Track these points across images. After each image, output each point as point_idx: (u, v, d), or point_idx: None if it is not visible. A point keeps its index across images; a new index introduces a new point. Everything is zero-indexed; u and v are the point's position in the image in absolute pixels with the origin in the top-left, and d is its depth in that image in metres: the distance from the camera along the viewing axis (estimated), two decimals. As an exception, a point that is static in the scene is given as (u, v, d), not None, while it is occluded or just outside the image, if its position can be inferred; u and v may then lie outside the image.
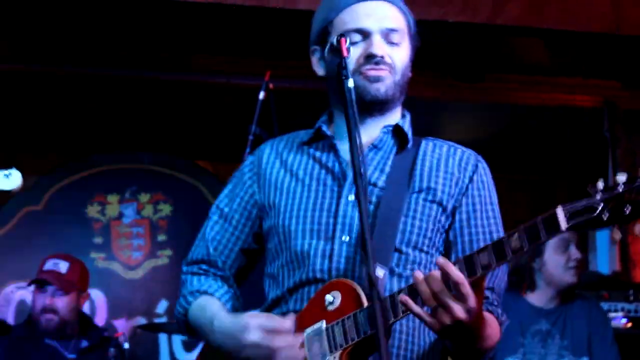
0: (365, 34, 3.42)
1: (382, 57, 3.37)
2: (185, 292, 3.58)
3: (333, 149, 3.53)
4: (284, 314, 3.37)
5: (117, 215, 9.34)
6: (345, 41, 3.29)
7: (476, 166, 3.54)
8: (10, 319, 7.96)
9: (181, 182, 9.27)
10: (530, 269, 6.44)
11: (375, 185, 3.43)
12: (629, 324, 7.42)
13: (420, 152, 3.54)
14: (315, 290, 3.34)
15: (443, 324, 2.96)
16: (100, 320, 8.74)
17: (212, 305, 3.51)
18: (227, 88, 7.93)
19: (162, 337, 8.59)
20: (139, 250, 9.32)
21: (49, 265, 7.12)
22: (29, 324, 7.18)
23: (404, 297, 2.96)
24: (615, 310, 7.46)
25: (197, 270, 3.65)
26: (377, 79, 3.37)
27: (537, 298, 6.38)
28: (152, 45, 7.82)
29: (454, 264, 2.94)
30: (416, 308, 2.97)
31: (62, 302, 6.95)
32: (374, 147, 3.51)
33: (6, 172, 3.70)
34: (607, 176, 8.32)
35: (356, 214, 3.35)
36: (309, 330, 3.26)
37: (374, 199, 3.39)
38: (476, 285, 2.95)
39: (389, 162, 3.47)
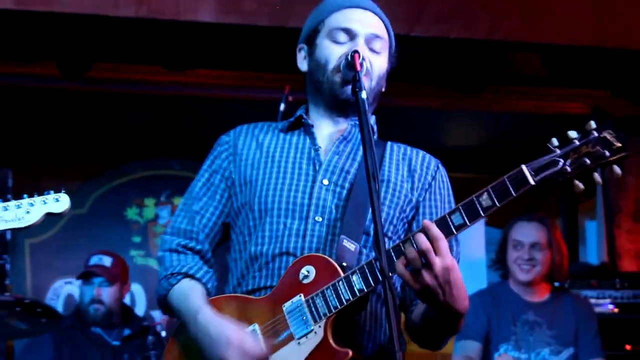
0: (352, 36, 3.43)
1: (363, 59, 3.32)
2: (166, 272, 3.49)
3: (310, 135, 3.51)
4: (254, 290, 3.37)
5: (153, 216, 9.38)
6: (359, 56, 3.26)
7: (437, 167, 3.59)
8: (60, 310, 7.95)
9: None
10: (505, 264, 6.46)
11: (348, 172, 3.43)
12: (616, 310, 7.49)
13: (387, 149, 3.57)
14: (286, 265, 3.31)
15: (423, 283, 2.95)
16: (140, 311, 8.79)
17: (196, 293, 3.45)
18: (251, 101, 7.97)
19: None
20: (172, 247, 9.33)
21: (94, 260, 7.19)
22: (77, 315, 7.24)
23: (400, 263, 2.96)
24: (604, 298, 7.50)
25: (176, 247, 3.55)
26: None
27: (522, 289, 6.39)
28: (181, 64, 7.78)
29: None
30: (401, 268, 2.96)
31: (107, 293, 7.03)
32: (344, 139, 3.51)
33: (56, 195, 3.67)
34: (594, 181, 8.36)
35: (329, 197, 3.39)
36: (287, 304, 3.24)
37: (347, 184, 3.41)
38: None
39: (360, 152, 3.44)
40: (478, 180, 8.71)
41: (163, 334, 6.77)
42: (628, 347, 7.29)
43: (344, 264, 3.23)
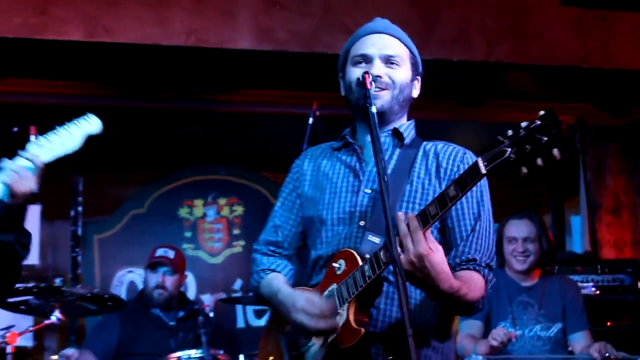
0: (369, 59, 3.52)
1: (379, 76, 3.45)
2: (258, 269, 3.68)
3: (356, 152, 3.61)
4: (314, 285, 3.52)
5: (202, 215, 9.37)
6: (369, 76, 3.36)
7: (464, 156, 3.59)
8: (123, 296, 8.09)
9: (251, 189, 9.20)
10: (499, 252, 6.52)
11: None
12: (598, 292, 7.54)
13: (420, 150, 3.60)
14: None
15: (404, 266, 3.03)
16: (191, 295, 8.84)
17: (277, 280, 3.60)
18: (284, 116, 8.12)
19: (239, 308, 8.65)
20: (219, 242, 9.36)
21: (160, 252, 7.31)
22: (140, 299, 7.34)
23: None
24: (587, 281, 7.52)
25: (266, 251, 3.74)
26: (376, 97, 3.42)
27: (517, 275, 6.46)
28: (225, 85, 7.93)
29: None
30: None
31: (170, 281, 7.18)
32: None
33: (85, 118, 3.68)
34: (579, 177, 8.44)
35: (369, 203, 3.48)
36: (325, 292, 3.42)
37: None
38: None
39: (394, 157, 3.54)
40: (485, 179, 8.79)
41: (211, 314, 6.71)
42: (609, 323, 7.35)
43: (367, 255, 3.31)
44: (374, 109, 3.32)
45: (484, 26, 7.45)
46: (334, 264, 3.43)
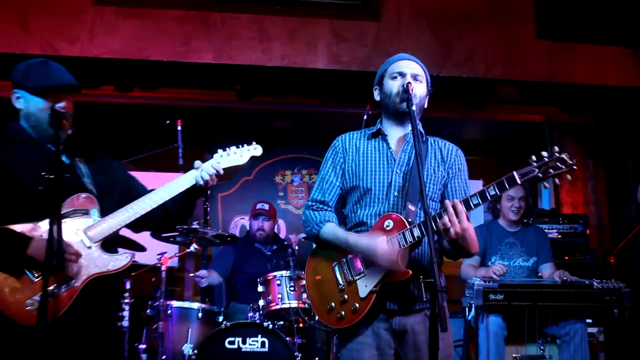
0: (403, 75, 3.49)
1: (410, 83, 3.43)
2: (316, 221, 3.58)
3: (385, 141, 3.58)
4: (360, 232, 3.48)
5: (290, 181, 9.41)
6: (410, 85, 3.39)
7: (457, 152, 3.63)
8: (236, 234, 8.13)
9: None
10: (496, 208, 6.46)
11: (409, 163, 3.50)
12: (559, 236, 7.53)
13: (429, 144, 3.59)
14: (376, 220, 3.44)
15: (450, 237, 3.14)
16: (282, 234, 8.91)
17: (339, 229, 3.53)
18: (346, 114, 8.02)
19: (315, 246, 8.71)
20: (301, 199, 9.36)
21: (260, 205, 7.30)
22: (247, 236, 7.39)
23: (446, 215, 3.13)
24: (552, 229, 7.52)
25: (315, 208, 3.64)
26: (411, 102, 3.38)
27: (506, 224, 6.40)
28: (307, 92, 7.90)
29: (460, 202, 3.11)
30: (440, 227, 3.14)
31: (267, 225, 7.20)
32: (406, 142, 3.56)
33: (254, 145, 3.82)
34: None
35: (401, 180, 3.48)
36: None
37: (409, 170, 3.48)
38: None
39: (412, 149, 3.49)
40: (483, 161, 8.77)
41: (295, 247, 6.62)
42: (566, 257, 7.28)
43: (409, 219, 3.34)
44: (414, 107, 3.34)
45: (484, 54, 7.35)
46: (385, 222, 3.40)
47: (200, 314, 6.12)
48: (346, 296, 3.43)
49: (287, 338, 5.82)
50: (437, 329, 3.04)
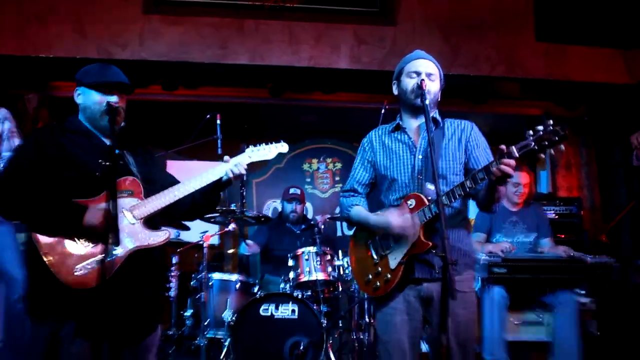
0: (418, 73, 3.48)
1: (423, 80, 3.42)
2: (347, 205, 3.68)
3: (405, 133, 3.58)
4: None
5: (316, 168, 9.37)
6: (424, 82, 3.40)
7: (472, 127, 3.59)
8: (269, 215, 8.14)
9: (345, 153, 9.26)
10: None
11: (427, 149, 3.48)
12: (556, 217, 7.42)
13: (446, 126, 3.57)
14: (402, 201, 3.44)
15: (497, 175, 3.12)
16: (310, 215, 8.90)
17: (363, 211, 3.62)
18: (365, 109, 7.94)
19: (338, 223, 8.69)
20: (326, 184, 9.33)
21: (292, 190, 7.28)
22: (279, 217, 7.38)
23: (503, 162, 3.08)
24: (549, 211, 7.40)
25: (349, 195, 3.71)
26: (426, 96, 3.39)
27: (509, 205, 6.34)
28: (330, 89, 7.81)
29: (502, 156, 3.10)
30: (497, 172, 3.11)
31: (299, 207, 7.18)
32: (422, 129, 3.56)
33: (281, 143, 3.89)
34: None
35: (422, 164, 3.48)
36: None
37: (427, 155, 3.46)
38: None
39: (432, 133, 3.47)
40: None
41: (322, 227, 6.71)
42: (562, 235, 7.20)
43: (429, 197, 3.36)
44: (427, 102, 3.34)
45: (488, 55, 7.27)
46: (408, 201, 3.42)
47: (237, 285, 6.15)
48: (380, 269, 3.48)
49: (314, 306, 5.84)
50: (447, 297, 3.02)
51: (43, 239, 3.27)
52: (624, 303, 6.96)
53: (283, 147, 4.00)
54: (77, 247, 3.29)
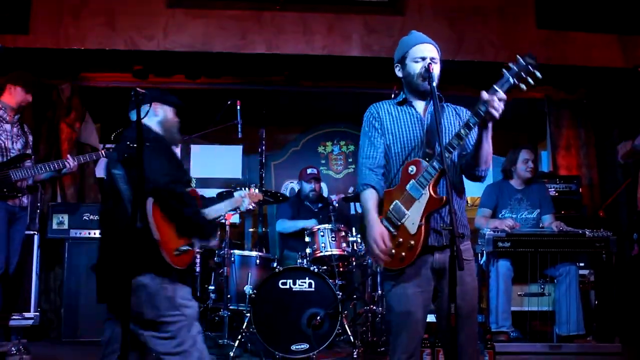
0: (423, 58, 3.45)
1: (430, 64, 3.41)
2: (363, 181, 3.50)
3: (412, 106, 3.53)
4: (397, 185, 3.43)
5: (331, 150, 9.35)
6: (431, 66, 3.38)
7: (468, 111, 3.51)
8: (287, 194, 8.16)
9: (358, 136, 9.28)
10: (510, 170, 6.41)
11: (432, 121, 3.44)
12: (556, 194, 7.39)
13: (446, 108, 3.56)
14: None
15: (488, 113, 3.20)
16: (325, 194, 8.87)
17: (372, 200, 3.43)
18: (377, 92, 7.88)
19: (351, 203, 8.69)
20: (340, 166, 9.31)
21: (310, 170, 7.35)
22: (297, 196, 7.41)
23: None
24: (550, 188, 7.39)
25: (369, 166, 3.51)
26: (432, 79, 3.38)
27: (515, 183, 6.35)
28: (344, 76, 7.76)
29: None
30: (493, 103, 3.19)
31: (318, 186, 7.23)
32: (428, 106, 3.52)
33: (255, 191, 4.30)
34: (546, 128, 8.23)
35: (428, 135, 3.45)
36: (407, 185, 3.35)
37: (431, 127, 3.45)
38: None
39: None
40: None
41: (336, 205, 6.72)
42: (563, 212, 7.18)
43: (427, 159, 3.35)
44: (434, 84, 3.35)
45: (492, 42, 7.22)
46: (409, 168, 3.39)
47: (258, 261, 6.18)
48: (401, 239, 3.35)
49: (330, 280, 5.85)
50: (455, 268, 3.02)
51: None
52: (621, 274, 6.96)
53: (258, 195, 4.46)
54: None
